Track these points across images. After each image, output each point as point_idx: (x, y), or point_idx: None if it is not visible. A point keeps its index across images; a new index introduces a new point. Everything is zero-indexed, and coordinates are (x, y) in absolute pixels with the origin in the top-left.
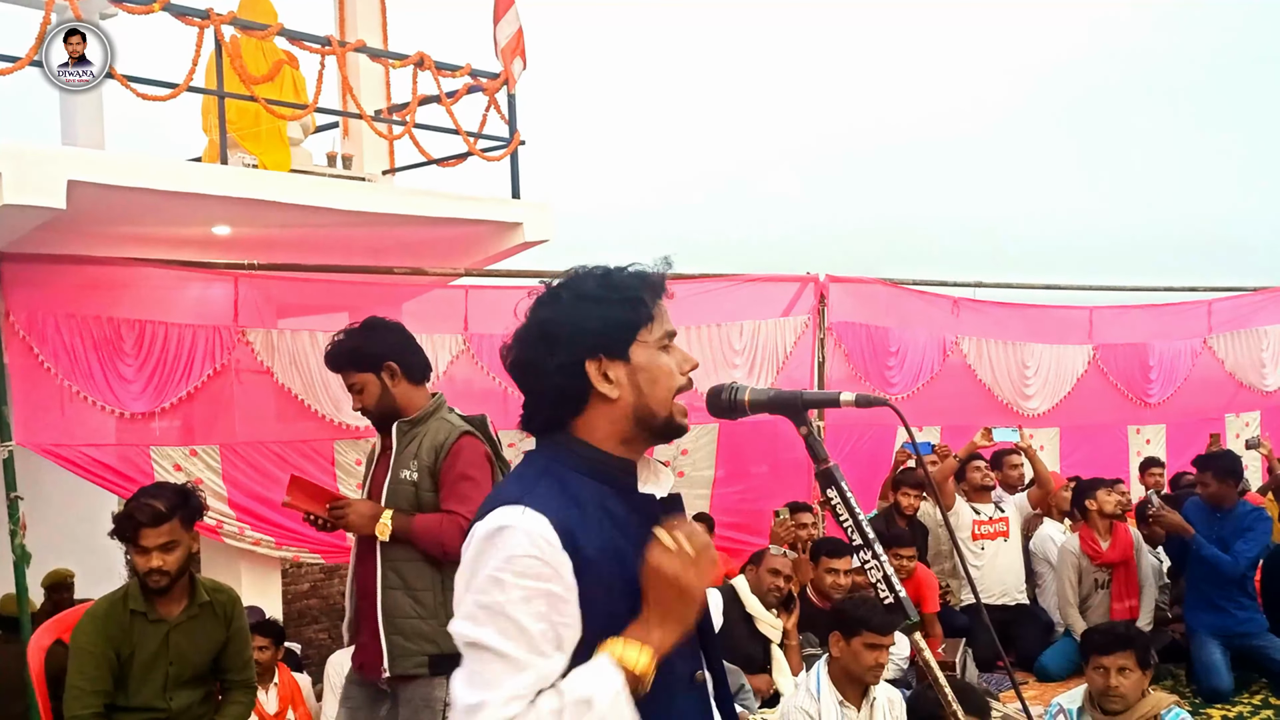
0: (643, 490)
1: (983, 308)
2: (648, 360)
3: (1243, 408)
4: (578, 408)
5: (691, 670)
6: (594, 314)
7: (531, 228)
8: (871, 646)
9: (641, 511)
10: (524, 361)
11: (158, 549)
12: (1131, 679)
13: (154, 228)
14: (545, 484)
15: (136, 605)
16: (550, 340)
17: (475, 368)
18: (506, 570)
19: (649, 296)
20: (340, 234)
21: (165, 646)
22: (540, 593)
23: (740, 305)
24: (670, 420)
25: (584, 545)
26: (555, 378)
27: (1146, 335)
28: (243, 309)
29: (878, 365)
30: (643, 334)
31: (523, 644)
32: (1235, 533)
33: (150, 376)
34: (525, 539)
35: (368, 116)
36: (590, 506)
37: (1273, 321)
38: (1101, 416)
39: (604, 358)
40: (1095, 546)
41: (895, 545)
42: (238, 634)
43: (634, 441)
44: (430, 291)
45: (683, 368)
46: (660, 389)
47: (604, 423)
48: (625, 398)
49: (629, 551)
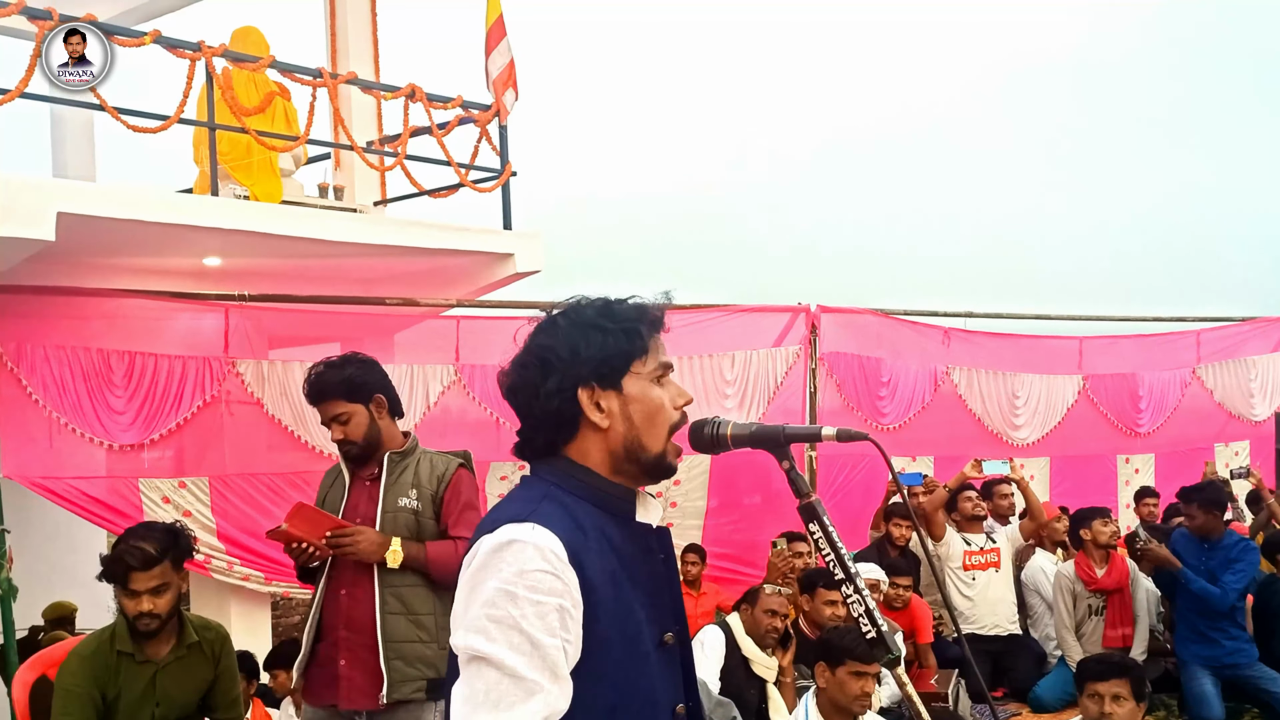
0: (640, 520)
1: (973, 338)
2: (640, 392)
3: (1232, 437)
4: (570, 434)
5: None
6: (590, 342)
7: (523, 258)
8: (857, 675)
9: (638, 541)
10: (519, 386)
11: (148, 593)
12: (1126, 708)
13: (144, 259)
14: (549, 505)
15: (124, 646)
16: (546, 366)
17: (467, 398)
18: (519, 584)
19: (646, 329)
20: (332, 265)
21: (152, 688)
22: (553, 607)
23: (731, 336)
24: (662, 458)
25: (589, 567)
26: (548, 403)
27: (1136, 365)
28: (233, 340)
29: (869, 396)
30: (637, 365)
31: (535, 661)
32: (1223, 564)
33: (140, 408)
34: (536, 553)
35: (359, 148)
36: (591, 531)
37: (1261, 351)
38: (1091, 446)
39: (597, 386)
40: (1090, 573)
41: (892, 574)
42: (226, 672)
43: (625, 473)
44: (422, 322)
45: (676, 402)
46: (652, 424)
47: (595, 450)
48: (616, 428)
49: (623, 578)
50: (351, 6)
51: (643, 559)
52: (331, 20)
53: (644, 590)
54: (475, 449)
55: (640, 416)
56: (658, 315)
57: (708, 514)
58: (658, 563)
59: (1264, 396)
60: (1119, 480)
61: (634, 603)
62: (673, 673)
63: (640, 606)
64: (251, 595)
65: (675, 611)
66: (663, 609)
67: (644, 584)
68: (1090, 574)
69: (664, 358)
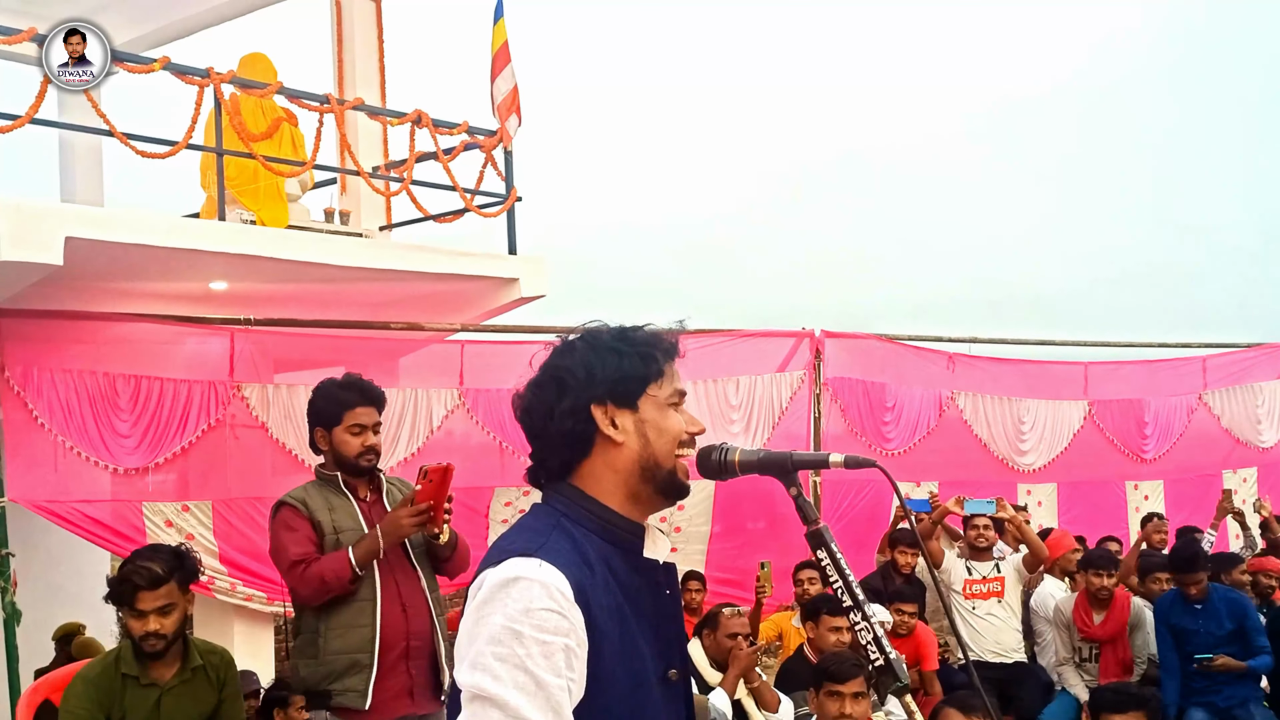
0: (647, 555)
1: (978, 363)
2: (655, 414)
3: (1239, 464)
4: (584, 452)
5: None
6: (607, 363)
7: (528, 283)
8: (832, 695)
9: (644, 575)
10: (533, 406)
11: (155, 612)
12: None
13: (151, 283)
14: (556, 538)
15: (129, 669)
16: (561, 385)
17: (470, 422)
18: (525, 623)
19: (662, 354)
20: (337, 289)
21: (156, 712)
22: (559, 648)
23: (736, 361)
24: (674, 474)
25: (594, 604)
26: (562, 423)
27: (1141, 391)
28: (238, 364)
29: (874, 421)
30: (653, 388)
31: (539, 702)
32: (1215, 620)
33: (145, 431)
34: (543, 591)
35: (365, 173)
36: (598, 566)
37: (1268, 377)
38: (1098, 472)
39: (611, 405)
40: (1087, 619)
41: (897, 601)
42: (231, 697)
43: (639, 498)
44: (427, 346)
45: (689, 429)
46: (666, 443)
47: (609, 473)
48: (631, 445)
49: (629, 614)
50: (359, 33)
51: (649, 594)
52: (339, 47)
53: (649, 625)
54: (479, 473)
55: (655, 435)
56: (673, 343)
57: (711, 539)
58: (664, 598)
59: (1271, 423)
60: (1129, 507)
61: (638, 638)
62: (675, 708)
63: (645, 642)
64: (255, 615)
65: (680, 647)
66: (667, 644)
67: (649, 619)
68: (1086, 620)
69: (679, 385)
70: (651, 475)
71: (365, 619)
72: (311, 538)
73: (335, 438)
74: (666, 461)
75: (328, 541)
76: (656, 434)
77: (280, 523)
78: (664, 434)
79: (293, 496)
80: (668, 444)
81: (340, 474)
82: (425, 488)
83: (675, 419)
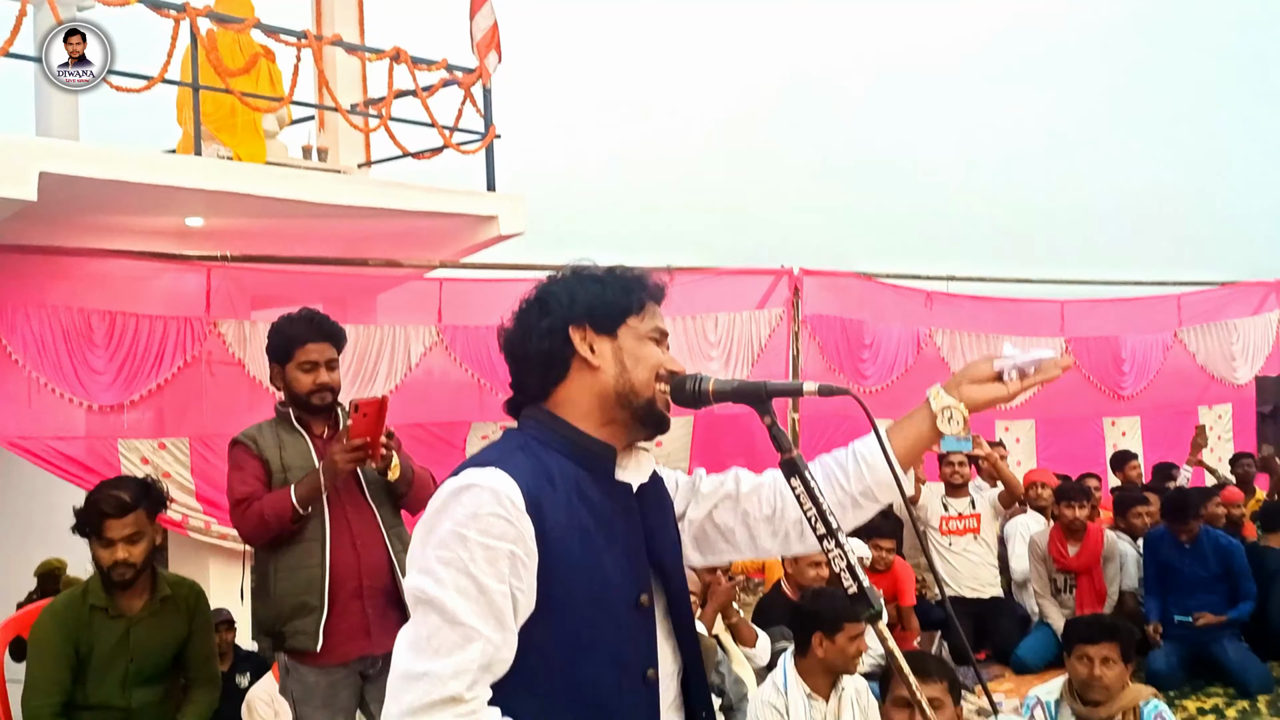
0: (620, 478)
1: (956, 301)
2: (634, 344)
3: (1215, 400)
4: (561, 374)
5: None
6: (590, 289)
7: (506, 221)
8: (855, 637)
9: (617, 499)
10: (515, 329)
11: (123, 540)
12: (1114, 670)
13: (127, 219)
14: (521, 456)
15: (97, 600)
16: (543, 306)
17: (449, 359)
18: (471, 527)
19: (646, 293)
20: (315, 226)
21: (126, 642)
22: (504, 553)
23: (715, 298)
24: (652, 404)
25: (549, 518)
26: (541, 342)
27: (1118, 328)
28: (215, 300)
29: (852, 358)
30: (633, 320)
31: (479, 607)
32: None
33: (120, 368)
34: (491, 497)
35: (343, 110)
36: (563, 485)
37: (1242, 315)
38: (1075, 409)
39: (590, 329)
40: (1061, 550)
41: (875, 537)
42: (201, 628)
43: (615, 423)
44: (405, 284)
45: (668, 365)
46: (643, 369)
47: (585, 396)
48: (607, 371)
49: (597, 535)
50: None
51: (622, 518)
52: None
53: (621, 549)
54: (457, 409)
55: (632, 363)
56: (659, 284)
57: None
58: (636, 523)
59: (1246, 359)
60: (1107, 444)
61: (606, 561)
62: (646, 635)
63: (615, 566)
64: (230, 554)
65: (663, 572)
66: (640, 570)
67: (622, 543)
68: (1061, 551)
69: (661, 324)
70: (628, 402)
71: (313, 559)
72: (259, 476)
73: (288, 374)
74: (644, 390)
75: (275, 480)
76: (634, 362)
77: (231, 461)
78: (641, 363)
79: (245, 434)
80: (645, 373)
81: (294, 410)
82: (358, 422)
83: (654, 350)
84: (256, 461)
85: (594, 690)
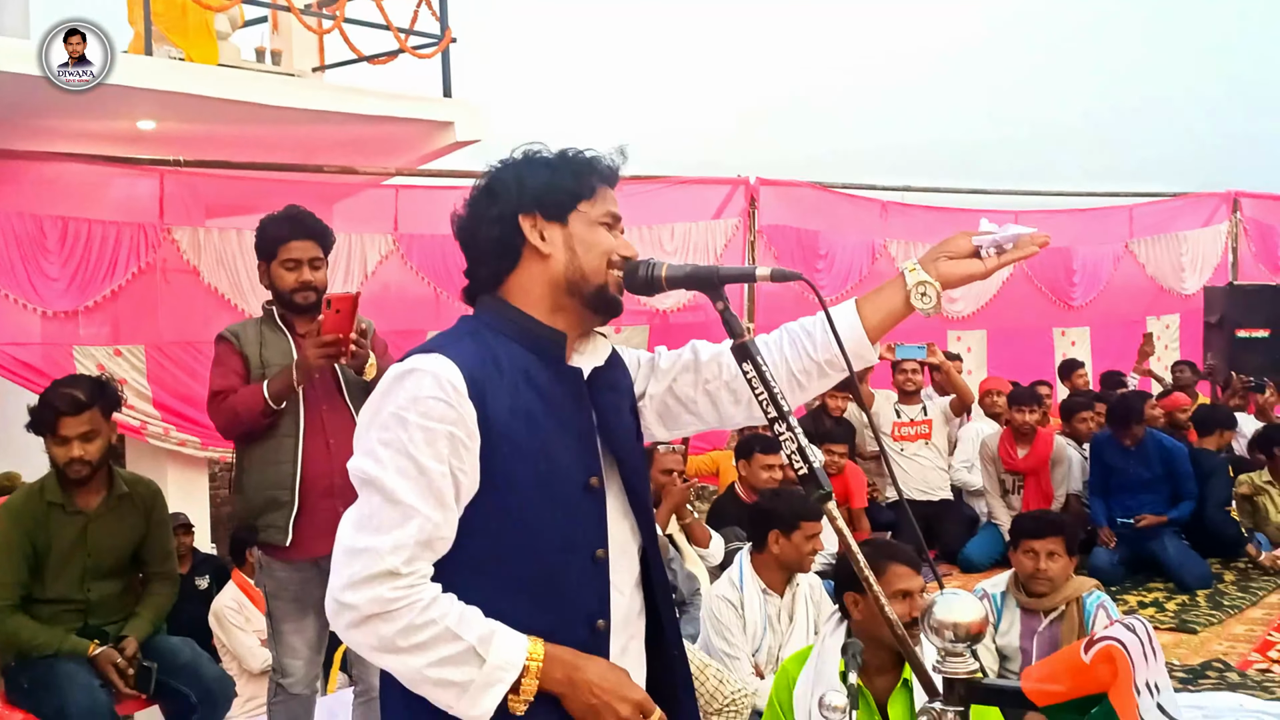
0: (574, 363)
1: (910, 211)
2: (584, 230)
3: (1163, 310)
4: (512, 262)
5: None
6: (539, 175)
7: (463, 127)
8: (811, 536)
9: (567, 384)
10: (467, 217)
11: (78, 438)
12: (1059, 563)
13: (77, 121)
14: (468, 342)
15: (53, 496)
16: (491, 193)
17: (405, 268)
18: (411, 410)
19: (597, 177)
20: (269, 131)
21: (83, 538)
22: (443, 434)
23: (672, 207)
24: (604, 289)
25: (492, 402)
26: (490, 230)
27: (1070, 239)
28: (168, 206)
29: (807, 268)
30: (584, 205)
31: (419, 486)
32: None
33: (74, 274)
34: (433, 381)
35: (297, 10)
36: (510, 370)
37: (1192, 226)
38: (1027, 319)
39: (540, 216)
40: (1011, 451)
41: (827, 441)
42: (159, 526)
43: (566, 310)
44: (361, 191)
45: (621, 251)
46: (594, 258)
47: (536, 284)
48: (558, 258)
49: (545, 419)
50: None
51: (573, 402)
52: None
53: (571, 433)
54: (414, 318)
55: (583, 250)
56: (611, 167)
57: None
58: (587, 407)
59: (1194, 270)
60: (1056, 354)
61: (554, 444)
62: (596, 516)
63: (565, 449)
64: (188, 460)
65: (617, 454)
66: (590, 453)
67: (573, 428)
68: (1010, 453)
69: (614, 208)
70: (578, 289)
71: (285, 455)
72: (238, 371)
73: (272, 272)
74: (595, 276)
75: (254, 376)
76: (585, 249)
77: (215, 356)
78: (592, 249)
79: (229, 330)
80: (596, 259)
81: (277, 308)
82: (329, 318)
83: (606, 236)
84: (237, 357)
85: (540, 568)
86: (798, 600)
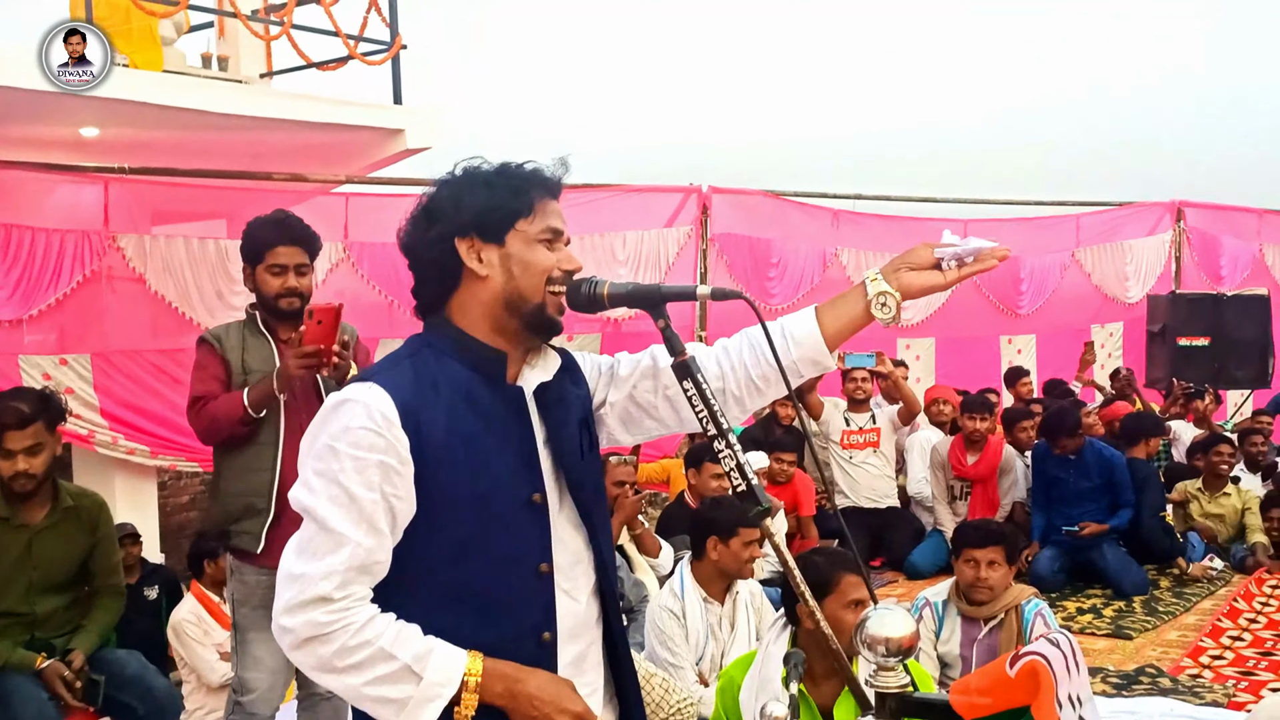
0: (520, 380)
1: (862, 220)
2: (522, 249)
3: (1108, 319)
4: (452, 285)
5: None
6: (476, 196)
7: (414, 134)
8: (749, 543)
9: (509, 403)
10: (408, 237)
11: (23, 452)
12: (999, 572)
13: (19, 128)
14: (406, 366)
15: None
16: (430, 216)
17: (355, 276)
18: (342, 440)
19: (537, 192)
20: (216, 138)
21: (28, 552)
22: (373, 463)
23: (624, 215)
24: (542, 309)
25: (427, 426)
26: (429, 252)
27: (1017, 249)
28: (114, 214)
29: (759, 277)
30: (522, 224)
31: (351, 514)
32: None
33: (18, 283)
34: (363, 412)
35: (243, 16)
36: (449, 392)
37: (1137, 235)
38: (974, 327)
39: (477, 238)
40: (960, 458)
41: (777, 450)
42: (105, 539)
43: (505, 330)
44: (311, 199)
45: (563, 265)
46: (532, 278)
47: (477, 305)
48: (495, 279)
49: (484, 439)
50: None
51: (515, 420)
52: None
53: (513, 450)
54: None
55: (520, 270)
56: (552, 180)
57: None
58: (528, 424)
59: (1138, 279)
60: (1003, 361)
61: (494, 462)
62: (539, 531)
63: (504, 467)
64: (137, 469)
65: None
66: (533, 469)
67: (513, 445)
68: (960, 460)
69: (555, 223)
70: (517, 309)
71: (264, 463)
72: (219, 376)
73: (258, 276)
74: (533, 296)
75: (235, 381)
76: (522, 269)
77: (196, 360)
78: (530, 269)
79: (212, 333)
80: (534, 279)
81: (261, 313)
82: (311, 329)
83: (544, 254)
84: (218, 361)
85: (482, 585)
86: (738, 607)
